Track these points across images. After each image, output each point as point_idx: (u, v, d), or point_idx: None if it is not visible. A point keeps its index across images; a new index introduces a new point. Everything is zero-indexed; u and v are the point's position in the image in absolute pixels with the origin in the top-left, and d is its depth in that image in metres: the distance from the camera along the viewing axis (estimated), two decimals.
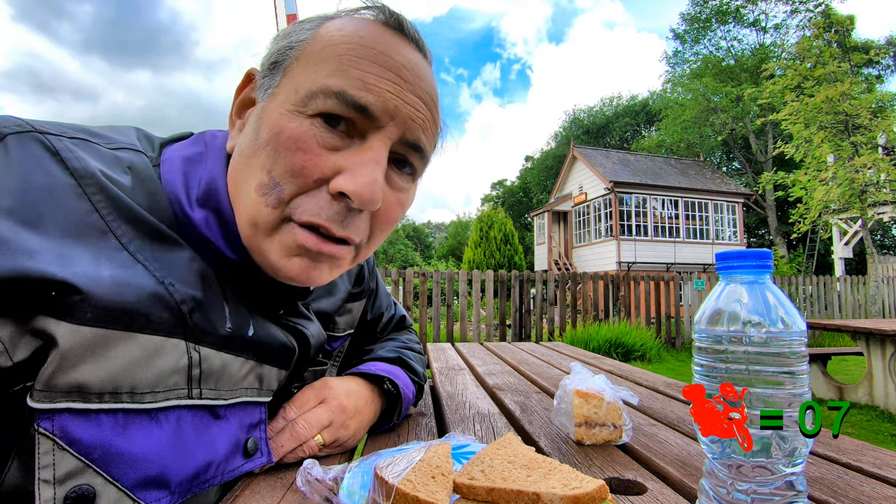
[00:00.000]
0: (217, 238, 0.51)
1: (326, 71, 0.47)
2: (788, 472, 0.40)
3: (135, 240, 0.44)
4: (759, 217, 23.81)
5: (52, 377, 0.36)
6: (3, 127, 0.41)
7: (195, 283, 0.47)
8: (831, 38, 11.08)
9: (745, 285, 0.44)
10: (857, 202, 8.88)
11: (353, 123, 0.48)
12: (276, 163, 0.46)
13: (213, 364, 0.47)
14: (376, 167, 0.46)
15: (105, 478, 0.38)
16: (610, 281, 7.48)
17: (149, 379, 0.41)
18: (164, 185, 0.50)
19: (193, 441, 0.45)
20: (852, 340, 3.92)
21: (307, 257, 0.48)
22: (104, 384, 0.38)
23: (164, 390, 0.43)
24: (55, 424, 0.36)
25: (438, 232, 52.63)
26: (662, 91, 27.73)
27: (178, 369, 0.44)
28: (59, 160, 0.42)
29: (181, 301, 0.44)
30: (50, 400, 0.36)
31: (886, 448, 0.71)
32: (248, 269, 0.52)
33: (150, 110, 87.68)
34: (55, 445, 0.36)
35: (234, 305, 0.51)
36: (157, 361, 0.42)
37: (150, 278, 0.43)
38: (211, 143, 0.56)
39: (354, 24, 0.50)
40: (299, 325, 0.61)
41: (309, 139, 0.46)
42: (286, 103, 0.47)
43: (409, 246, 33.98)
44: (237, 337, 0.50)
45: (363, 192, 0.45)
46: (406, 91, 0.48)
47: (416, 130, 0.50)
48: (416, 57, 0.51)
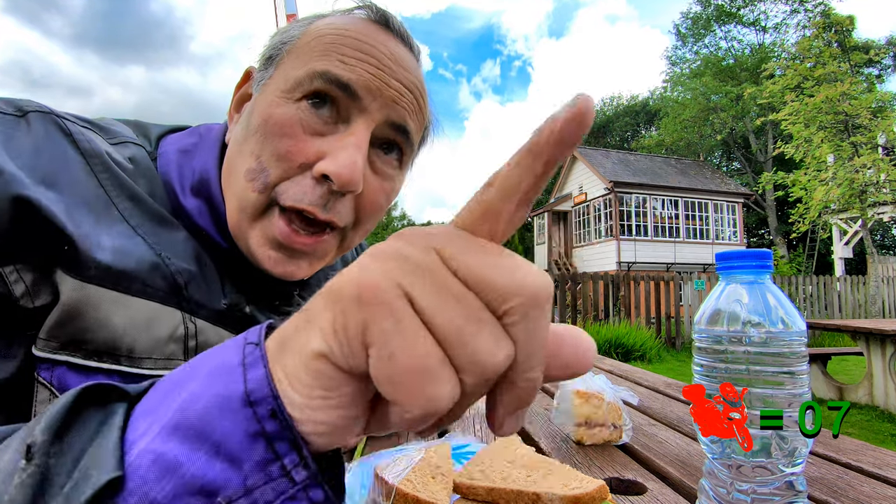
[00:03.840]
0: (208, 226, 0.52)
1: (313, 57, 0.49)
2: (788, 472, 0.40)
3: (136, 216, 0.46)
4: (759, 217, 23.82)
5: (54, 328, 0.39)
6: (26, 105, 0.45)
7: (191, 259, 0.48)
8: (831, 38, 11.10)
9: (745, 285, 0.44)
10: (857, 202, 8.89)
11: (338, 106, 0.49)
12: (263, 148, 0.48)
13: (209, 337, 0.48)
14: (357, 150, 0.48)
15: None
16: (610, 281, 7.48)
17: (146, 343, 0.43)
18: (161, 177, 0.52)
19: None
20: (852, 340, 3.92)
21: (281, 251, 0.50)
22: (103, 342, 0.40)
23: (162, 358, 0.44)
24: (54, 375, 0.39)
25: None
26: (663, 90, 27.76)
27: (175, 338, 0.45)
28: (72, 140, 0.45)
29: (176, 272, 0.46)
30: (51, 350, 0.39)
31: (886, 448, 0.71)
32: (239, 257, 0.53)
33: (145, 107, 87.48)
34: (52, 396, 0.39)
35: (230, 286, 0.52)
36: (155, 326, 0.43)
37: (148, 250, 0.45)
38: (206, 135, 0.58)
39: (343, 20, 0.52)
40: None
41: (294, 125, 0.48)
42: (276, 91, 0.49)
43: None
44: (233, 313, 0.51)
45: (343, 173, 0.46)
46: (389, 76, 0.50)
47: (400, 112, 0.51)
48: (401, 50, 0.53)
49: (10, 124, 0.42)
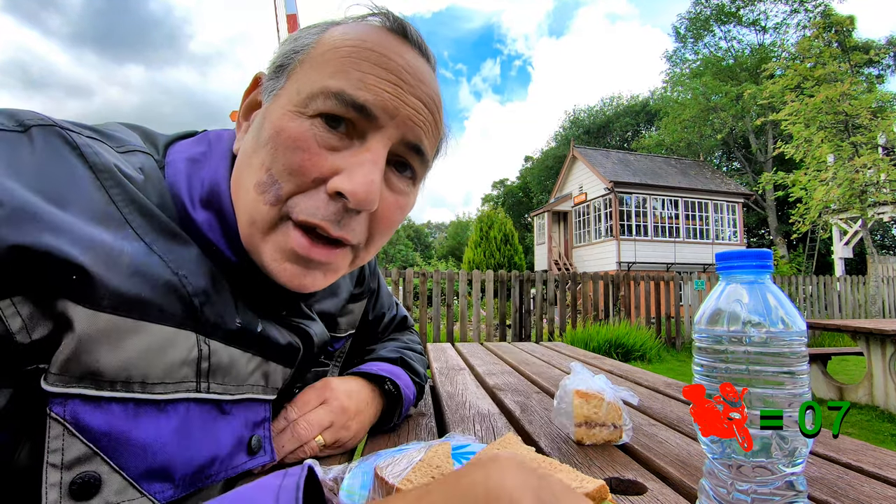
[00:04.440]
0: (218, 240, 0.51)
1: (328, 72, 0.47)
2: (788, 472, 0.40)
3: (150, 232, 0.44)
4: (759, 217, 23.81)
5: (67, 361, 0.37)
6: (28, 119, 0.42)
7: (206, 277, 0.47)
8: (831, 38, 11.09)
9: (746, 285, 0.44)
10: (857, 202, 8.88)
11: (353, 125, 0.48)
12: (275, 161, 0.47)
13: (221, 358, 0.48)
14: (374, 168, 0.47)
15: (112, 466, 0.39)
16: (610, 281, 7.48)
17: (160, 369, 0.42)
18: (169, 188, 0.50)
19: (199, 435, 0.46)
20: (852, 340, 3.91)
21: (298, 263, 0.49)
22: (117, 372, 0.39)
23: (174, 382, 0.43)
24: (67, 410, 0.37)
25: (438, 232, 52.65)
26: (663, 90, 27.74)
27: (189, 361, 0.44)
28: (79, 154, 0.43)
29: (194, 294, 0.45)
30: (64, 384, 0.37)
31: (886, 448, 0.71)
32: (249, 271, 0.52)
33: (147, 107, 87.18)
34: (65, 431, 0.37)
35: (242, 304, 0.51)
36: (169, 352, 0.42)
37: (165, 269, 0.43)
38: (215, 144, 0.56)
39: (358, 30, 0.50)
40: (303, 324, 0.61)
41: (308, 139, 0.46)
42: (288, 104, 0.48)
43: (409, 246, 34.02)
44: (246, 333, 0.50)
45: (359, 192, 0.45)
46: (406, 93, 0.49)
47: (416, 131, 0.50)
48: (418, 61, 0.51)
49: (12, 143, 0.39)
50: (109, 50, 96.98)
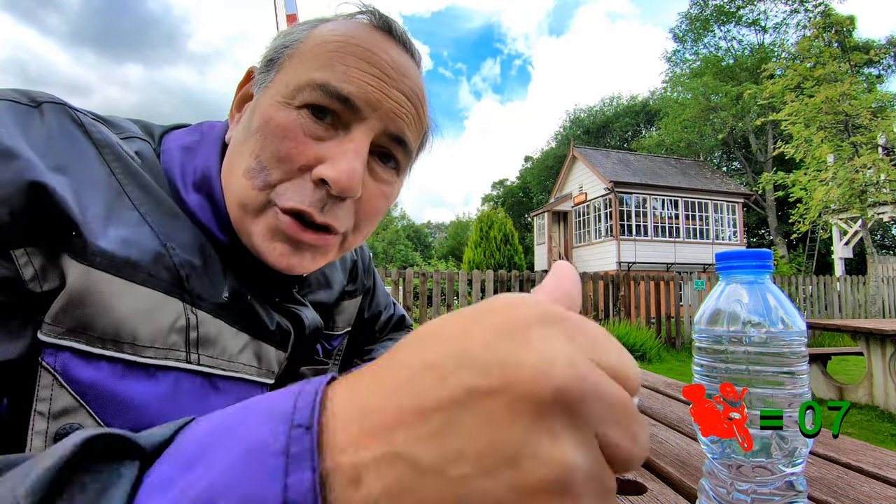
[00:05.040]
0: (209, 221, 0.53)
1: (315, 66, 0.50)
2: (788, 472, 0.40)
3: (145, 204, 0.47)
4: (759, 217, 23.81)
5: (60, 313, 0.39)
6: (39, 96, 0.46)
7: (195, 251, 0.49)
8: (831, 38, 11.10)
9: (745, 285, 0.44)
10: (857, 202, 8.88)
11: (338, 116, 0.50)
12: (263, 148, 0.49)
13: (209, 329, 0.48)
14: (356, 157, 0.48)
15: (97, 420, 0.40)
16: (610, 281, 7.48)
17: (149, 332, 0.43)
18: (164, 173, 0.53)
19: (191, 407, 0.46)
20: (852, 340, 3.92)
21: (288, 244, 0.50)
22: (107, 329, 0.40)
23: (164, 348, 0.44)
24: (58, 361, 0.39)
25: (438, 232, 52.65)
26: (663, 90, 27.74)
27: (177, 328, 0.45)
28: (84, 131, 0.46)
29: (179, 265, 0.46)
30: (56, 335, 0.39)
31: (886, 448, 0.71)
32: (240, 254, 0.53)
33: (146, 107, 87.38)
34: (55, 381, 0.38)
35: (231, 279, 0.53)
36: (157, 316, 0.44)
37: (154, 239, 0.45)
38: (208, 133, 0.58)
39: (346, 26, 0.53)
40: (294, 308, 0.61)
41: (295, 128, 0.48)
42: (277, 95, 0.50)
43: (408, 246, 34.03)
44: (233, 306, 0.51)
45: (342, 180, 0.47)
46: (389, 87, 0.51)
47: (399, 123, 0.52)
48: (402, 57, 0.54)
49: (24, 114, 0.43)
50: (108, 49, 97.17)
